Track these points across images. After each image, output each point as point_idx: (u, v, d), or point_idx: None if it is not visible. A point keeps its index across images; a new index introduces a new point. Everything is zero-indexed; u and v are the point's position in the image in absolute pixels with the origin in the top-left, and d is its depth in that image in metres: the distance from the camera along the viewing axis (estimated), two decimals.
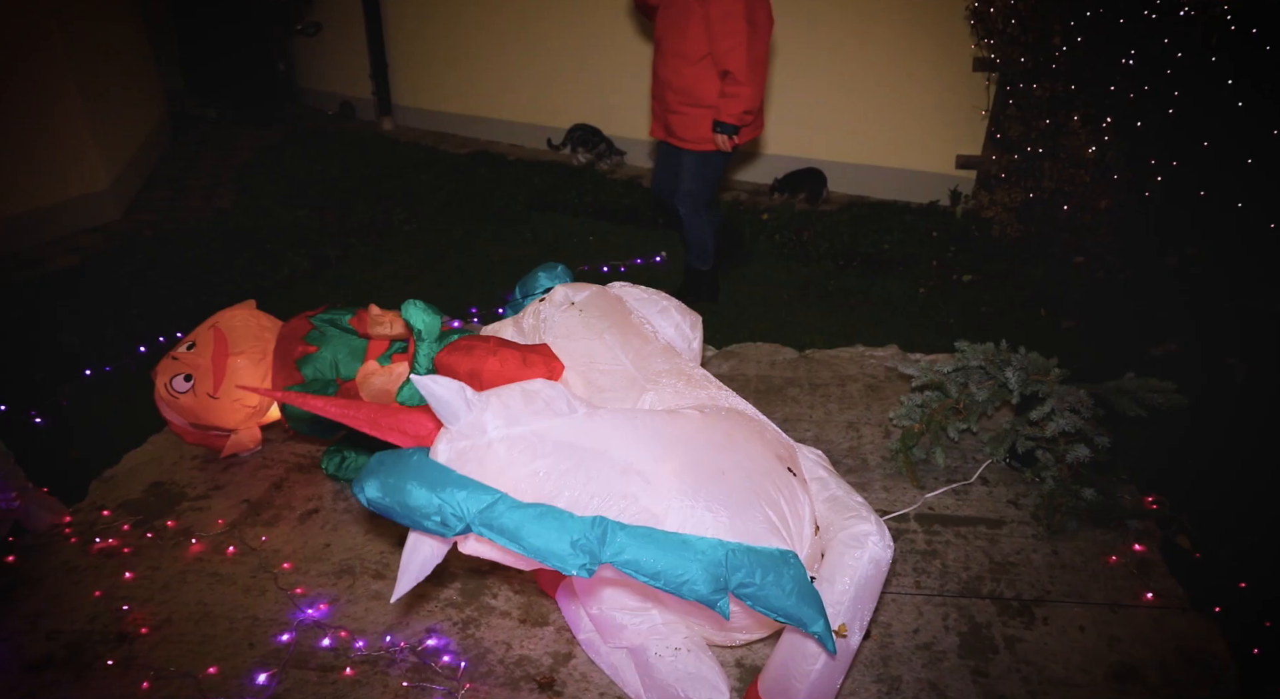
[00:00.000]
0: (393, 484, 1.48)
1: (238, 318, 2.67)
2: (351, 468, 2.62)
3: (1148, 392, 2.53)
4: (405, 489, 1.47)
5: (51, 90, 4.46)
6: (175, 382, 2.54)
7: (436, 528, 1.46)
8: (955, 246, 4.32)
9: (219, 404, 2.54)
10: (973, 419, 2.59)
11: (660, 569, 1.43)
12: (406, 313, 2.27)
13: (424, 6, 6.39)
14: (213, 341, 2.57)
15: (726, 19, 3.12)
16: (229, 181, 5.60)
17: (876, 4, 4.83)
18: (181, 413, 2.58)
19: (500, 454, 1.50)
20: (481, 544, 1.52)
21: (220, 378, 2.52)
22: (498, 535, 1.44)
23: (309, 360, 2.54)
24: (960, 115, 4.73)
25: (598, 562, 1.42)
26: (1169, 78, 3.60)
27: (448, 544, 1.56)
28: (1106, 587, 2.20)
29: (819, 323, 3.63)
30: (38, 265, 4.26)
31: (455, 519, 1.45)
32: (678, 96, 3.36)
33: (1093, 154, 3.89)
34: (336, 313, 2.62)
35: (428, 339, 2.27)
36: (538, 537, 1.42)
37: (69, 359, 3.32)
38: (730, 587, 1.45)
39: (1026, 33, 4.01)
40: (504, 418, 1.53)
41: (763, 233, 4.57)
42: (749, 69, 3.18)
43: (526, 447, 1.51)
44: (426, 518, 1.46)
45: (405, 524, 1.50)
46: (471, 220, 4.82)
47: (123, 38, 5.51)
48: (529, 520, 1.43)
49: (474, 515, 1.44)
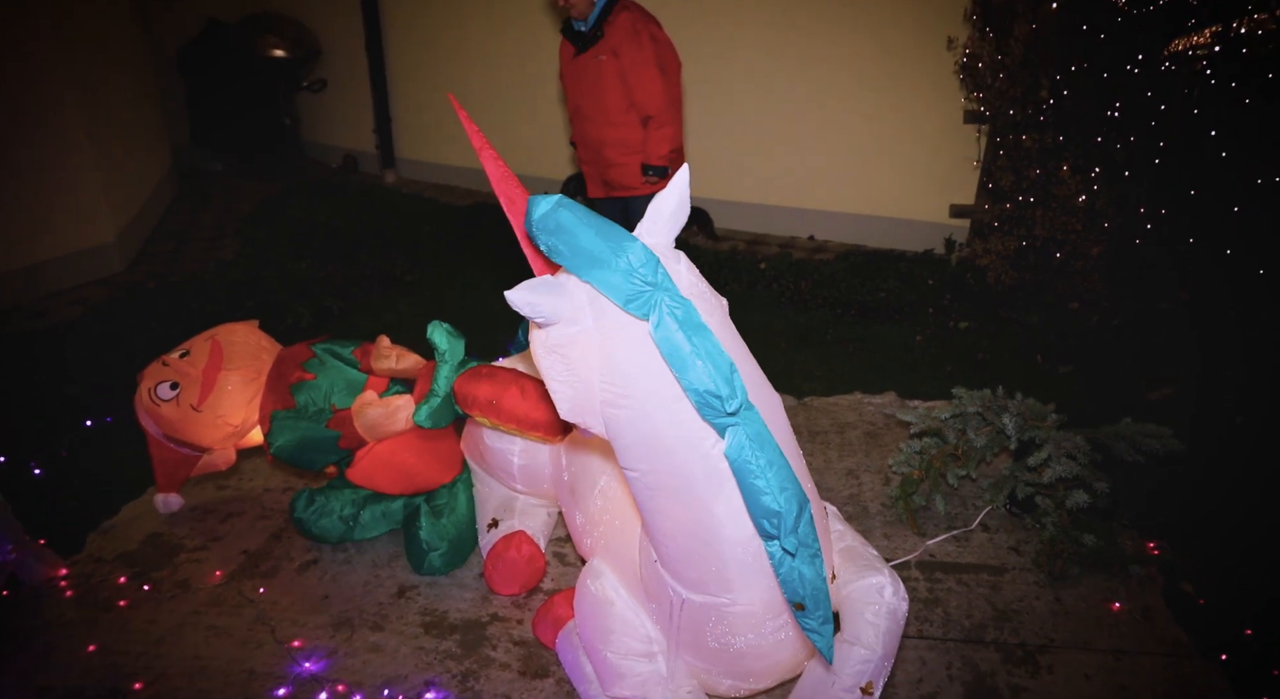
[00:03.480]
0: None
1: (238, 333, 2.54)
2: (321, 511, 2.50)
3: (1145, 437, 2.54)
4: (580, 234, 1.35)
5: (65, 147, 4.56)
6: (160, 388, 2.40)
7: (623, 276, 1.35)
8: (951, 294, 4.36)
9: (200, 419, 2.39)
10: (971, 465, 2.60)
11: (771, 459, 1.37)
12: (431, 333, 2.24)
13: (427, 63, 6.55)
14: (208, 353, 2.43)
15: (639, 68, 3.45)
16: (233, 233, 5.67)
17: (869, 61, 4.96)
18: (159, 422, 2.44)
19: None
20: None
21: (208, 391, 2.38)
22: (671, 331, 1.33)
23: (304, 387, 2.42)
24: (953, 166, 4.82)
25: (738, 401, 1.35)
26: (1154, 129, 3.68)
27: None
28: (1111, 634, 2.18)
29: (817, 370, 3.66)
30: (41, 316, 4.30)
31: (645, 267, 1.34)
32: (614, 149, 3.62)
33: (1083, 202, 3.96)
34: (340, 343, 2.55)
35: (450, 362, 2.24)
36: (706, 352, 1.33)
37: (70, 410, 3.33)
38: (789, 535, 1.38)
39: (1014, 86, 4.11)
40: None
41: (760, 282, 4.62)
42: (669, 109, 3.49)
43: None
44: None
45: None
46: (472, 270, 4.87)
47: (133, 93, 5.63)
48: (703, 332, 1.35)
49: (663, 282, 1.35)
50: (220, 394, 2.39)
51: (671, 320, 1.34)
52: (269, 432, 2.35)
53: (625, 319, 1.38)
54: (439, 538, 2.40)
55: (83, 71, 4.69)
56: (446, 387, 2.23)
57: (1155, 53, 3.67)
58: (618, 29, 3.46)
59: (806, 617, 1.43)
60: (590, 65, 3.56)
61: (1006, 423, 2.53)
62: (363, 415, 2.31)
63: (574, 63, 3.64)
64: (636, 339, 1.38)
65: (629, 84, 3.49)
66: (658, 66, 3.46)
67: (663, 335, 1.34)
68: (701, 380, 1.32)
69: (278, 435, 2.33)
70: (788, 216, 5.47)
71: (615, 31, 3.46)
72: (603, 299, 1.39)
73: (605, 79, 3.52)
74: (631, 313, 1.36)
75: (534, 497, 2.46)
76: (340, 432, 2.30)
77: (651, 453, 1.46)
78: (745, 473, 1.37)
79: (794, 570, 1.41)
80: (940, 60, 4.61)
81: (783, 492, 1.36)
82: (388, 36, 6.64)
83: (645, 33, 3.46)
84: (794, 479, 1.39)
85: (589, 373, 1.43)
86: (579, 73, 3.62)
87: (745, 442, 1.36)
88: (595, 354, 1.41)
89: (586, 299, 1.40)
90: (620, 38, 3.45)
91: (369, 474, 2.41)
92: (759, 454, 1.36)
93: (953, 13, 4.49)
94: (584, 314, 1.41)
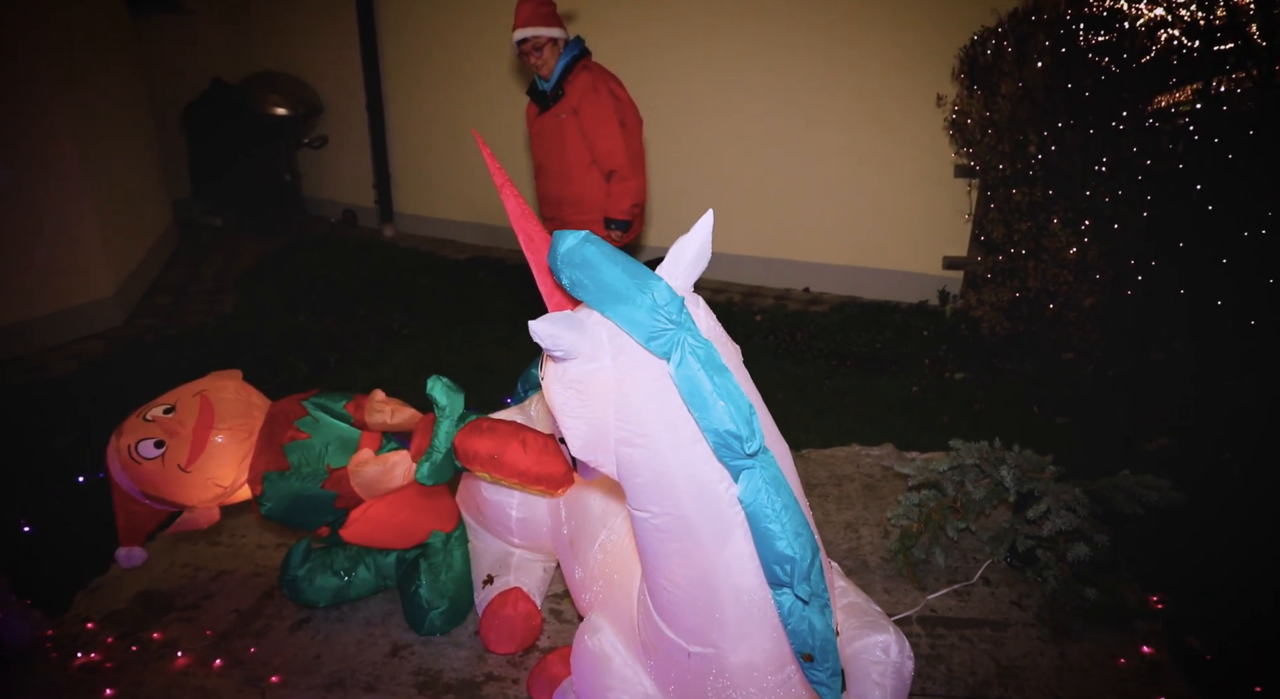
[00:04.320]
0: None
1: (228, 390, 2.39)
2: (319, 567, 2.45)
3: (1144, 489, 2.53)
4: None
5: (66, 203, 4.61)
6: (143, 445, 2.23)
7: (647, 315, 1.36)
8: (946, 345, 4.39)
9: (188, 479, 2.25)
10: (971, 518, 2.58)
11: (786, 504, 1.37)
12: (431, 388, 2.21)
13: (426, 121, 6.68)
14: (198, 410, 2.29)
15: (600, 124, 3.54)
16: (231, 287, 5.71)
17: (862, 116, 5.07)
18: (138, 480, 2.28)
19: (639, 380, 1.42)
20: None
21: (198, 451, 2.23)
22: (693, 370, 1.34)
23: (298, 447, 2.33)
24: (945, 218, 4.90)
25: (756, 443, 1.34)
26: (1141, 183, 3.75)
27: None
28: (1117, 690, 2.14)
29: (814, 422, 3.65)
30: (38, 370, 4.29)
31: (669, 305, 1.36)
32: (573, 207, 3.70)
33: (1074, 254, 4.01)
34: (332, 397, 2.47)
35: (450, 417, 2.21)
36: (727, 392, 1.34)
37: (63, 465, 3.30)
38: (802, 582, 1.37)
39: (1003, 142, 4.20)
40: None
41: (756, 334, 4.64)
42: (631, 164, 3.57)
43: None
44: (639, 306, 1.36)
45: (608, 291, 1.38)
46: (470, 323, 4.90)
47: (135, 149, 5.72)
48: (725, 374, 1.35)
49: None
50: (211, 455, 2.26)
51: (694, 359, 1.34)
52: (261, 493, 2.31)
53: (645, 358, 1.39)
54: (439, 596, 2.37)
55: (86, 129, 4.77)
56: (447, 442, 2.21)
57: (1139, 109, 3.77)
58: (578, 87, 3.57)
59: (815, 669, 1.41)
60: (552, 124, 3.66)
61: (1005, 475, 2.52)
62: (359, 474, 2.26)
63: (538, 121, 3.75)
64: (655, 378, 1.39)
65: (591, 140, 3.59)
66: (618, 122, 3.56)
67: (684, 374, 1.34)
68: (722, 421, 1.33)
69: (270, 497, 2.28)
70: (783, 269, 5.53)
71: (575, 90, 3.57)
72: (623, 337, 1.39)
73: (567, 137, 3.63)
74: (653, 351, 1.37)
75: (531, 551, 2.44)
76: (336, 491, 2.28)
77: (663, 494, 1.45)
78: (760, 517, 1.36)
79: (804, 620, 1.39)
80: (930, 116, 4.72)
81: (797, 537, 1.36)
82: (388, 95, 6.78)
83: (605, 89, 3.58)
84: (807, 525, 1.38)
85: (604, 410, 1.43)
86: (542, 132, 3.73)
87: (761, 484, 1.36)
88: (612, 392, 1.42)
89: (606, 336, 1.41)
90: (580, 95, 3.56)
91: (367, 533, 2.37)
92: (775, 498, 1.35)
93: (941, 71, 4.60)
94: (603, 351, 1.41)
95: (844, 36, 4.97)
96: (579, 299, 1.42)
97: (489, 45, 6.11)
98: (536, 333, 1.35)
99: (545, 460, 2.04)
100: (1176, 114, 3.70)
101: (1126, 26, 3.84)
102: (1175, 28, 3.74)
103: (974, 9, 4.41)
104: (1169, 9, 3.80)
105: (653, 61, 5.48)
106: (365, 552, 2.51)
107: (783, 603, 1.39)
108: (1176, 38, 3.74)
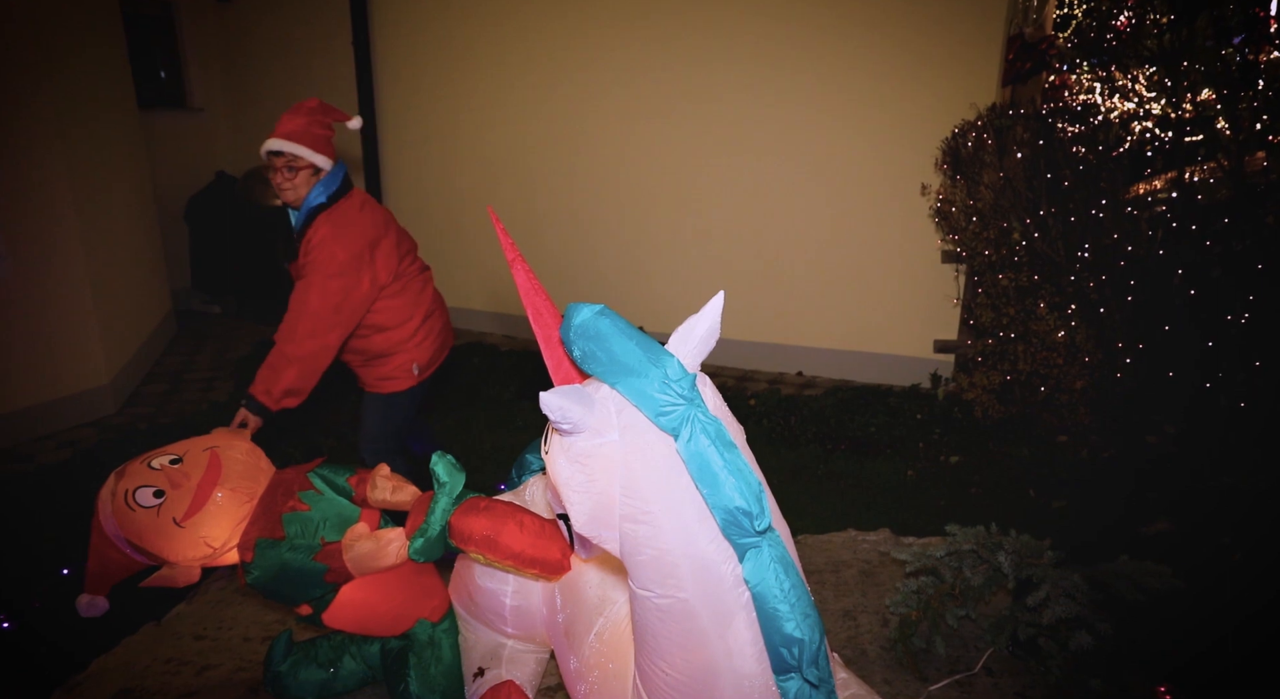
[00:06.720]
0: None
1: (238, 449, 2.32)
2: (303, 660, 2.39)
3: (1145, 575, 2.50)
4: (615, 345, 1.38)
5: (66, 293, 4.67)
6: (141, 492, 2.14)
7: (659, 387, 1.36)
8: (940, 428, 4.39)
9: (180, 534, 2.15)
10: (970, 605, 2.54)
11: (794, 584, 1.35)
12: (435, 464, 2.18)
13: (424, 210, 6.84)
14: (205, 465, 2.22)
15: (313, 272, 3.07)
16: (227, 375, 5.72)
17: (850, 202, 5.21)
18: (126, 527, 2.18)
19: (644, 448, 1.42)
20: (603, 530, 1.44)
21: (197, 507, 2.15)
22: (703, 446, 1.34)
23: (296, 519, 2.26)
24: (934, 303, 4.98)
25: (766, 521, 1.34)
26: (1123, 269, 3.84)
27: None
28: None
29: (810, 507, 3.63)
30: (29, 460, 4.26)
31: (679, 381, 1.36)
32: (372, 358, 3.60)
33: (1062, 338, 4.06)
34: (335, 470, 2.43)
35: (448, 494, 2.17)
36: (737, 469, 1.34)
37: (48, 557, 3.24)
38: (810, 666, 1.35)
39: (987, 229, 4.31)
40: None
41: (750, 418, 4.65)
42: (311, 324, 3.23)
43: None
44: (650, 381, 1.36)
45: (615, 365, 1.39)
46: (463, 408, 4.90)
47: (138, 239, 5.82)
48: (734, 450, 1.35)
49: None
50: (209, 512, 2.18)
51: (704, 436, 1.34)
52: (250, 560, 2.25)
53: (653, 434, 1.38)
54: (429, 690, 2.30)
55: (89, 219, 4.86)
56: (443, 519, 2.18)
57: (1118, 197, 3.89)
58: (313, 244, 3.06)
59: None
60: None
61: (1003, 561, 2.50)
62: (353, 548, 2.21)
63: (293, 268, 3.20)
64: (663, 455, 1.38)
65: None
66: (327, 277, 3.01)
67: (693, 450, 1.34)
68: (732, 497, 1.32)
69: (258, 565, 2.22)
70: (776, 353, 5.58)
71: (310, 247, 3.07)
72: (631, 411, 1.39)
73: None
74: (661, 426, 1.36)
75: (524, 641, 2.38)
76: (327, 565, 2.23)
77: (666, 573, 1.42)
78: (768, 597, 1.34)
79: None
80: (917, 203, 4.86)
81: (805, 619, 1.33)
82: (385, 185, 6.97)
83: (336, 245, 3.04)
84: (814, 608, 1.36)
85: (610, 486, 1.42)
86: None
87: (770, 563, 1.34)
88: (619, 467, 1.40)
89: (614, 410, 1.40)
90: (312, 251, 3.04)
91: (351, 616, 2.30)
92: (783, 577, 1.34)
93: (924, 161, 4.76)
94: (610, 425, 1.40)
95: (830, 124, 5.15)
96: (589, 372, 1.43)
97: (491, 139, 6.32)
98: (546, 405, 1.34)
99: (542, 543, 2.02)
100: (1154, 202, 3.82)
101: (1100, 119, 4.01)
102: (1148, 120, 3.90)
103: (954, 102, 4.60)
104: (1139, 103, 3.98)
105: (641, 150, 5.67)
106: (349, 640, 2.45)
107: (788, 689, 1.35)
108: (1149, 129, 3.90)
